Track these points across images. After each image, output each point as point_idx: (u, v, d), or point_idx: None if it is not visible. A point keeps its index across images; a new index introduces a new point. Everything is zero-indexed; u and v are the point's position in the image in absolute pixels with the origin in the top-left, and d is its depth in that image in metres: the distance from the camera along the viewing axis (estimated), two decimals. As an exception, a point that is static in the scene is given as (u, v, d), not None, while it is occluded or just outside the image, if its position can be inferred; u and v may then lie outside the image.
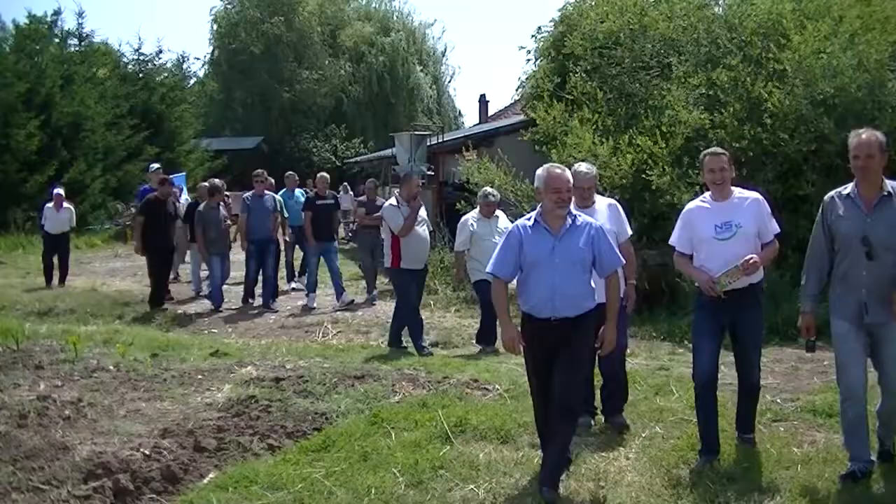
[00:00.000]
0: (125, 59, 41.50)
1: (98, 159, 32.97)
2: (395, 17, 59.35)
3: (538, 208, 6.55)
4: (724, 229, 6.89)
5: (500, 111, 43.03)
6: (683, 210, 7.32)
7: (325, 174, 17.59)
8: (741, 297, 6.88)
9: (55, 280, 18.29)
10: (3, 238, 26.87)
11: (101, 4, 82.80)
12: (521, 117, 23.63)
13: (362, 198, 17.47)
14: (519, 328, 6.60)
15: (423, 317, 12.44)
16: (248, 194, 16.60)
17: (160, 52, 42.90)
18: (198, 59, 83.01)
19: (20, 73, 30.96)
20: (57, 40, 36.34)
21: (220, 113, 54.06)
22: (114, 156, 33.96)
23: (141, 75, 40.54)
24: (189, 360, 10.25)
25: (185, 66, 48.89)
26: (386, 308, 14.97)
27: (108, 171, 33.33)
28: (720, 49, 15.47)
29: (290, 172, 19.06)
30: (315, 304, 16.11)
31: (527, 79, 22.92)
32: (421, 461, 6.76)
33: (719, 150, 7.29)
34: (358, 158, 42.83)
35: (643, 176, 14.30)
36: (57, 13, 36.33)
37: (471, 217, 12.18)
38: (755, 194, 7.12)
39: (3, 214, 28.48)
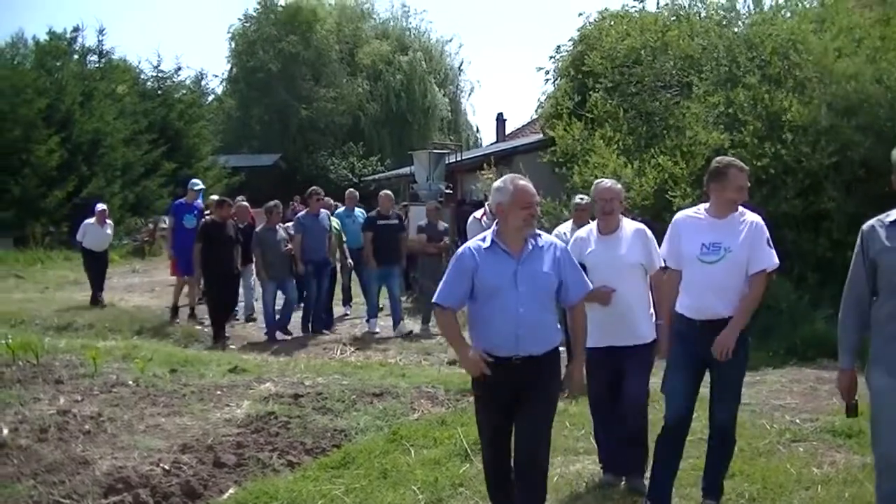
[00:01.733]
0: (144, 76, 41.73)
1: (117, 175, 33.05)
2: (412, 35, 59.47)
3: (493, 227, 5.70)
4: (710, 250, 6.03)
5: (518, 129, 43.02)
6: (674, 218, 6.50)
7: (388, 192, 16.34)
8: (720, 329, 5.97)
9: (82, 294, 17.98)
10: (23, 253, 26.97)
11: (120, 21, 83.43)
12: (540, 136, 23.67)
13: (422, 222, 16.06)
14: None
15: None
16: (302, 213, 15.65)
17: (179, 69, 43.08)
18: (216, 76, 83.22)
19: (40, 89, 31.10)
20: (77, 57, 36.50)
21: (238, 130, 54.14)
22: (132, 172, 34.05)
23: (160, 92, 40.71)
24: (208, 375, 10.27)
25: (203, 83, 49.12)
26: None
27: (127, 186, 33.42)
28: (740, 68, 15.47)
29: (351, 190, 18.27)
30: (378, 329, 15.30)
31: (546, 98, 22.96)
32: (440, 479, 6.75)
33: (744, 165, 6.30)
34: (376, 176, 42.89)
35: (665, 195, 14.28)
36: (77, 30, 36.51)
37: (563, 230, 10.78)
38: (756, 217, 6.20)
39: (22, 229, 28.59)
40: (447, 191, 22.92)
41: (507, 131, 44.53)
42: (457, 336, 5.74)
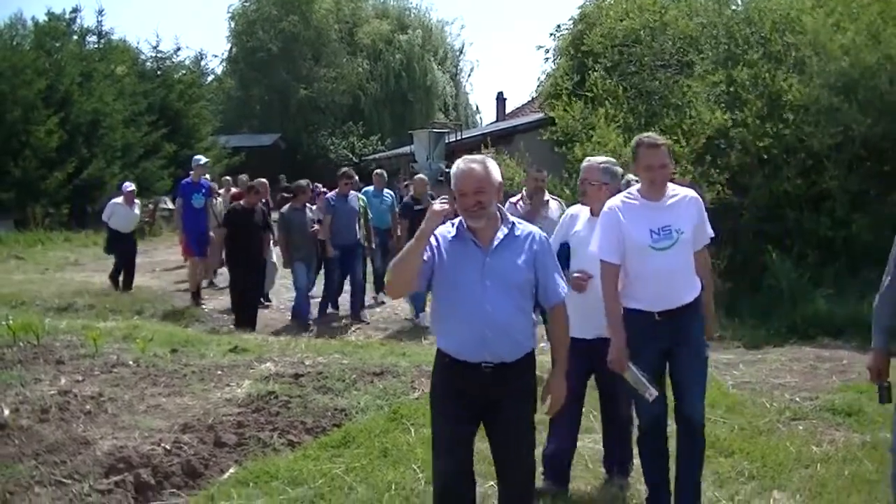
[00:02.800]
0: (143, 57, 41.61)
1: (117, 156, 32.99)
2: (412, 15, 59.38)
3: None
4: (662, 236, 5.59)
5: (518, 108, 42.98)
6: (603, 210, 5.85)
7: (423, 176, 15.71)
8: (679, 317, 5.64)
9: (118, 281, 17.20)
10: (23, 234, 26.96)
11: (119, 2, 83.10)
12: (540, 115, 23.65)
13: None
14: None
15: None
16: (332, 194, 14.88)
17: (178, 49, 43.20)
18: (215, 56, 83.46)
19: (39, 70, 30.97)
20: (76, 38, 36.39)
21: (238, 110, 54.20)
22: (132, 153, 33.98)
23: (159, 72, 40.61)
24: (208, 355, 10.26)
25: (202, 63, 49.13)
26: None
27: (127, 168, 33.32)
28: (739, 46, 15.44)
29: (380, 170, 17.55)
30: (428, 323, 13.60)
31: (546, 77, 22.94)
32: (441, 457, 6.76)
33: (659, 140, 5.75)
34: (376, 155, 42.88)
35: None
36: (76, 10, 36.40)
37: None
38: (691, 192, 5.83)
39: (22, 211, 28.59)
40: (447, 170, 22.90)
41: (508, 110, 44.51)
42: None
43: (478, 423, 4.93)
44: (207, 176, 17.03)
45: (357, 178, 16.28)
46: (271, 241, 14.70)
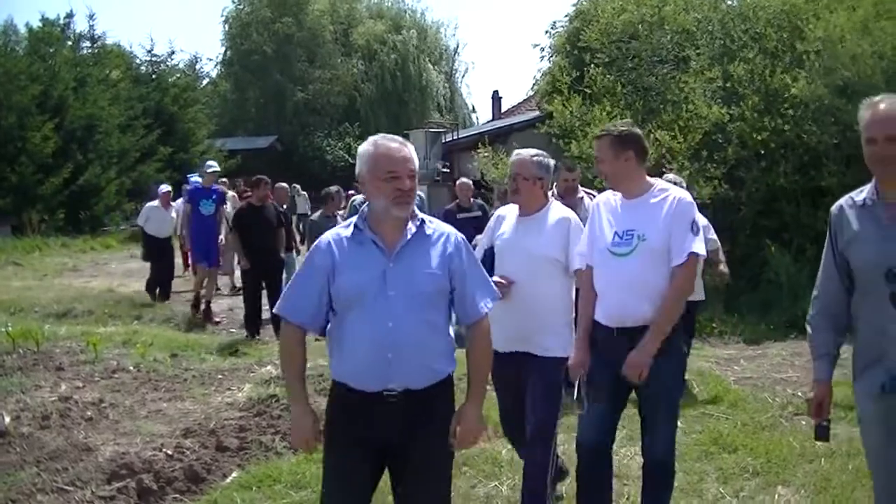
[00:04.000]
0: (137, 61, 41.64)
1: (113, 161, 33.01)
2: (407, 15, 59.34)
3: (362, 209, 4.11)
4: (623, 240, 4.92)
5: (514, 107, 42.97)
6: (594, 201, 5.50)
7: (467, 180, 14.32)
8: (641, 339, 4.86)
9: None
10: (20, 240, 26.93)
11: (112, 6, 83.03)
12: (536, 113, 23.66)
13: (451, 206, 13.86)
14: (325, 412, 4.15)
15: None
16: (360, 198, 12.48)
17: (172, 52, 43.06)
18: (210, 59, 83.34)
19: (34, 75, 30.97)
20: (70, 43, 36.40)
21: (234, 113, 54.10)
22: (128, 157, 34.00)
23: (153, 76, 40.63)
24: (209, 359, 10.27)
25: (197, 66, 49.34)
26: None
27: (123, 172, 33.39)
28: (735, 42, 15.45)
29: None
30: None
31: (542, 75, 22.92)
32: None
33: (610, 129, 5.10)
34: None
35: (663, 170, 14.28)
36: (70, 16, 36.47)
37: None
38: (681, 192, 5.03)
39: (19, 217, 28.59)
40: (444, 170, 22.93)
41: (503, 109, 44.49)
42: (294, 375, 4.09)
43: (380, 470, 4.09)
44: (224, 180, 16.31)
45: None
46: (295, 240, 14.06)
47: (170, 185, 17.52)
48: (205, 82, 52.24)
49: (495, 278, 5.20)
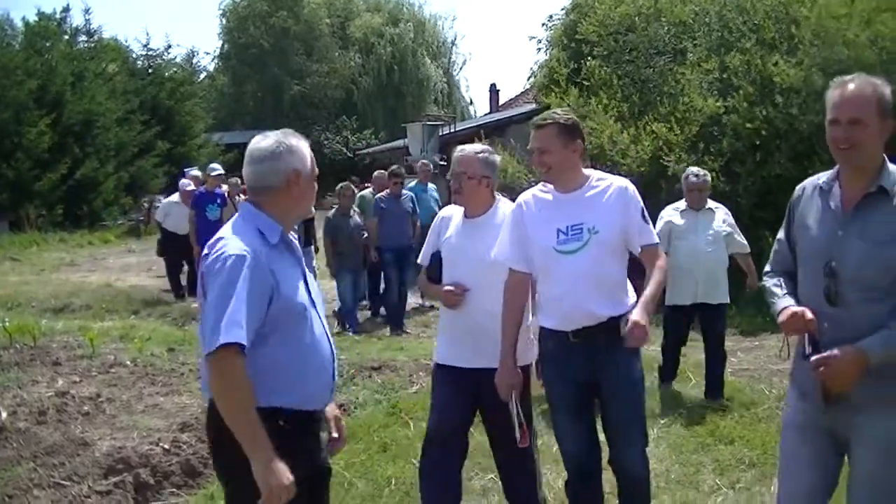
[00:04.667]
0: (134, 55, 41.61)
1: (110, 156, 32.98)
2: (404, 8, 59.27)
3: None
4: (571, 236, 4.59)
5: (511, 100, 42.94)
6: (517, 201, 4.96)
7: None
8: (600, 340, 4.57)
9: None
10: (18, 236, 26.95)
11: (108, 0, 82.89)
12: (533, 106, 23.63)
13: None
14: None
15: None
16: (382, 194, 13.70)
17: (169, 47, 43.28)
18: (207, 53, 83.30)
19: (30, 70, 30.93)
20: (66, 37, 36.32)
21: (231, 107, 54.10)
22: (125, 152, 33.95)
23: (150, 70, 40.59)
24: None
25: (194, 60, 49.26)
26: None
27: (121, 167, 33.37)
28: (733, 34, 15.44)
29: (424, 162, 16.51)
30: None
31: (539, 68, 22.88)
32: (441, 451, 6.77)
33: (554, 117, 4.74)
34: (370, 150, 42.84)
35: (660, 162, 14.27)
36: (66, 10, 36.34)
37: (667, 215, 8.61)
38: (621, 181, 4.77)
39: (16, 213, 28.60)
40: (441, 163, 22.87)
41: (501, 101, 44.46)
42: (256, 415, 3.29)
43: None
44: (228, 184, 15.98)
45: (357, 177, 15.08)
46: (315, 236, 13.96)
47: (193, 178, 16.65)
48: (202, 76, 52.21)
49: (447, 287, 5.05)
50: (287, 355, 3.49)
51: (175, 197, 16.32)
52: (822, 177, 3.87)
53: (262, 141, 3.75)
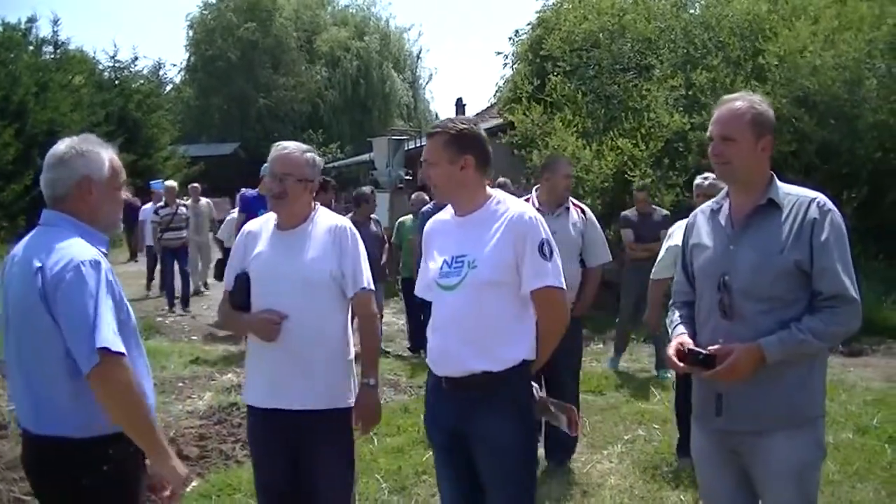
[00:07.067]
0: (101, 66, 41.29)
1: (74, 167, 32.74)
2: (371, 22, 59.30)
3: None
4: (452, 269, 3.91)
5: (478, 114, 43.01)
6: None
7: (505, 180, 12.88)
8: (469, 394, 3.88)
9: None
10: (-19, 248, 26.70)
11: (75, 11, 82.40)
12: (499, 120, 23.68)
13: (629, 212, 11.74)
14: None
15: None
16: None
17: (136, 58, 42.70)
18: (174, 65, 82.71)
19: (-6, 80, 30.72)
20: (32, 48, 36.04)
21: (197, 119, 53.86)
22: (89, 163, 33.69)
23: (117, 82, 40.32)
24: (169, 367, 10.21)
25: (161, 72, 49.00)
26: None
27: (84, 179, 33.13)
28: (698, 50, 15.56)
29: None
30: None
31: (504, 83, 22.96)
32: (404, 467, 6.77)
33: (445, 126, 4.04)
34: (336, 164, 42.82)
35: (625, 176, 14.33)
36: (32, 20, 36.03)
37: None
38: (522, 206, 4.00)
39: (-21, 224, 28.35)
40: (407, 177, 22.88)
41: (467, 115, 44.53)
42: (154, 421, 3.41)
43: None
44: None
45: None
46: None
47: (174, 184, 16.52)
48: (168, 88, 51.98)
49: (262, 315, 4.27)
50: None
51: (234, 212, 13.82)
52: (714, 200, 3.89)
53: (57, 146, 3.58)
